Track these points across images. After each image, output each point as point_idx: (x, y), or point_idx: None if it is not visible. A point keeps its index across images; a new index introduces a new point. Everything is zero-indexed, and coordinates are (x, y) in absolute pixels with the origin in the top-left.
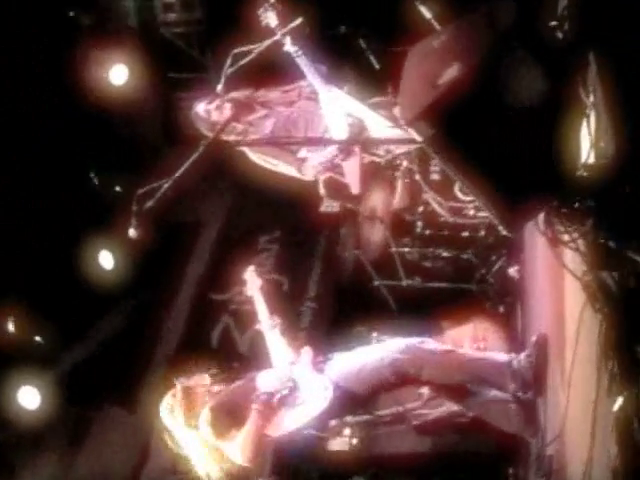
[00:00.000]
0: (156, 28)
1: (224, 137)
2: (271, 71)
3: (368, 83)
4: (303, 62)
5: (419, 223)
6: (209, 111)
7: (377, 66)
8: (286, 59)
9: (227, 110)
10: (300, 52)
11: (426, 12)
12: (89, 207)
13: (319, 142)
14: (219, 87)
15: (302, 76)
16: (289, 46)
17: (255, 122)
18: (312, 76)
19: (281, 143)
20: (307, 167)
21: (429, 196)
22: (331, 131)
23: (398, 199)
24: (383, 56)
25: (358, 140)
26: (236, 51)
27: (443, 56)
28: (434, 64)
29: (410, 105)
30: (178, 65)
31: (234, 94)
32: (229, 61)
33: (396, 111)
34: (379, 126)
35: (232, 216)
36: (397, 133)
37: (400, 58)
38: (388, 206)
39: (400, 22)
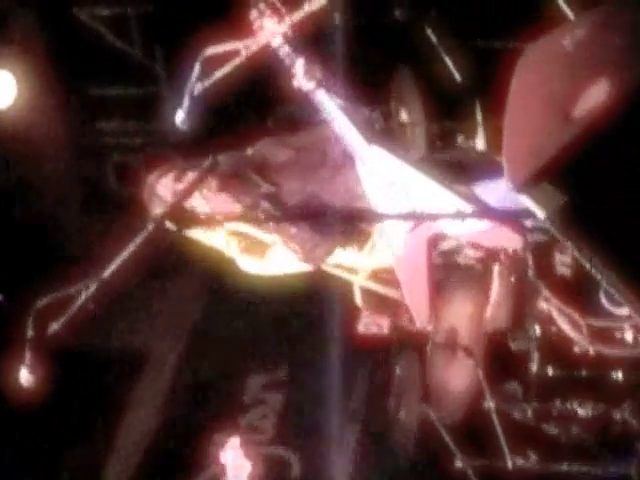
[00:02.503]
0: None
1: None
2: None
3: (440, 113)
4: (325, 100)
5: (535, 356)
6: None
7: (457, 76)
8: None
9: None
10: (318, 81)
11: None
12: None
13: (362, 218)
14: (179, 117)
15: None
16: (300, 73)
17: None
18: (342, 125)
19: (290, 217)
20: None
21: (551, 307)
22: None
23: (496, 314)
24: (466, 59)
25: (426, 215)
26: (209, 53)
27: (581, 65)
28: (566, 79)
29: (525, 154)
30: (105, 74)
31: (220, 158)
32: (196, 69)
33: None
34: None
35: (198, 343)
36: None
37: (500, 63)
38: (479, 326)
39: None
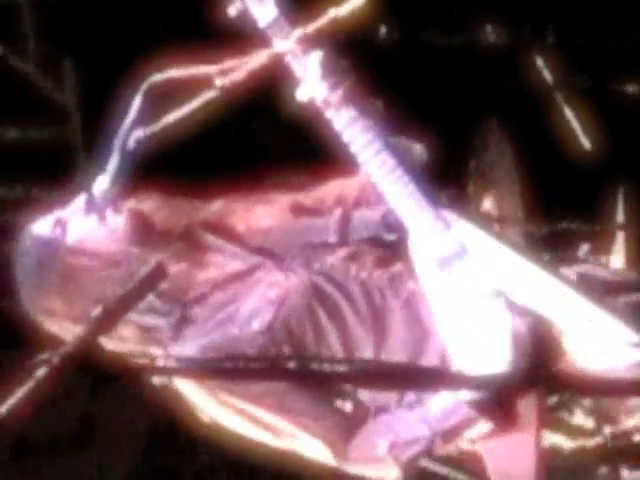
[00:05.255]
0: None
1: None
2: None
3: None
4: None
5: None
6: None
7: (585, 142)
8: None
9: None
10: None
11: None
12: None
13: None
14: (101, 183)
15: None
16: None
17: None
18: (383, 171)
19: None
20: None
21: None
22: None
23: None
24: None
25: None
26: (156, 80)
27: None
28: None
29: None
30: None
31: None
32: (136, 104)
33: None
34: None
35: None
36: None
37: None
38: None
39: None
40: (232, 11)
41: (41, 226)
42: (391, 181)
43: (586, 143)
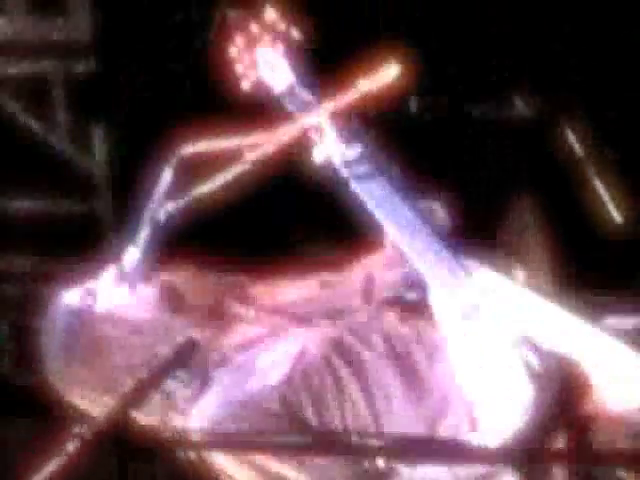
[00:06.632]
0: None
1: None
2: None
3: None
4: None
5: None
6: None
7: (617, 217)
8: None
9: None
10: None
11: None
12: None
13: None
14: (129, 259)
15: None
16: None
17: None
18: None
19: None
20: None
21: None
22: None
23: None
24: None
25: None
26: (187, 153)
27: None
28: None
29: None
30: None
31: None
32: (166, 178)
33: None
34: None
35: None
36: None
37: None
38: None
39: None
40: (246, 84)
41: (71, 296)
42: (409, 235)
43: (617, 216)
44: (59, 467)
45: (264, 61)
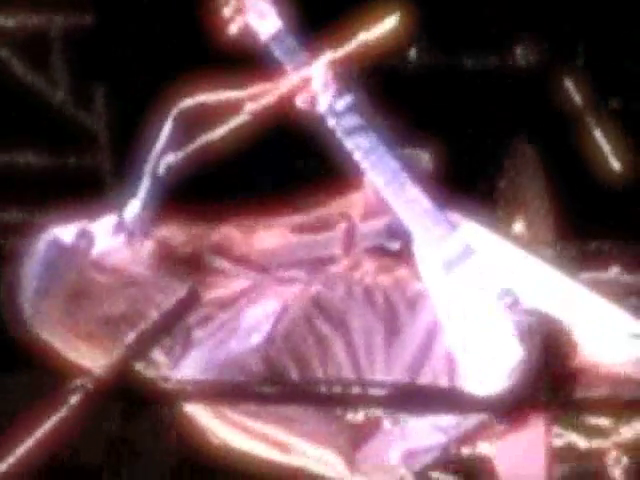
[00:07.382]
0: None
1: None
2: None
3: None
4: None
5: None
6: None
7: (615, 165)
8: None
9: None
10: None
11: None
12: None
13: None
14: (131, 209)
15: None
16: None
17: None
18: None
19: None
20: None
21: None
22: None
23: None
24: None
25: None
26: (186, 105)
27: None
28: None
29: None
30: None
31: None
32: (167, 131)
33: None
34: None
35: None
36: None
37: None
38: None
39: None
40: (233, 29)
41: (63, 232)
42: (394, 186)
43: (616, 164)
44: (61, 420)
45: (252, 6)
